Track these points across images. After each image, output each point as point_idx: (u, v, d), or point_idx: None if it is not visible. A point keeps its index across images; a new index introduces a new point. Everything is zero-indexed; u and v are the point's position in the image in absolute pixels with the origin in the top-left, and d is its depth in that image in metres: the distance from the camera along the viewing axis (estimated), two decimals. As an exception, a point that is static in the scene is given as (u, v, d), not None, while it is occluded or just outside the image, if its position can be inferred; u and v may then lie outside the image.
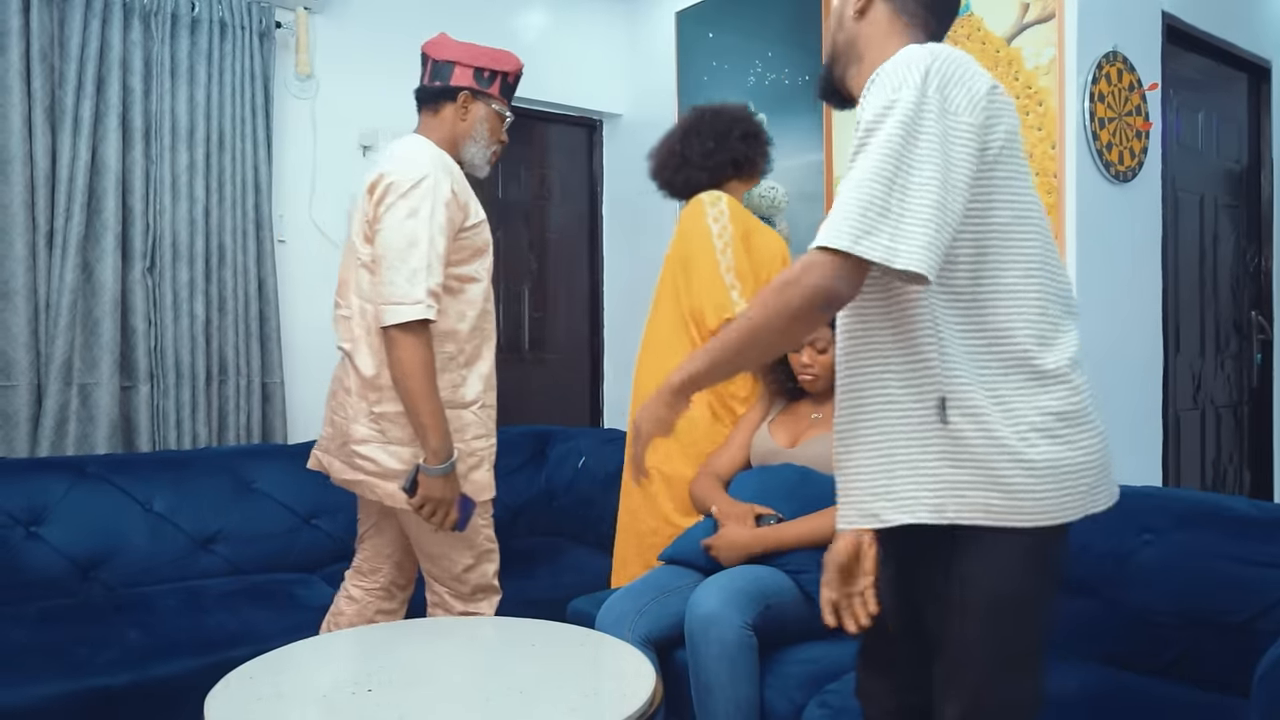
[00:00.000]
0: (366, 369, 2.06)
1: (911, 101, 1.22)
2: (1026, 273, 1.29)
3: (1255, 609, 1.75)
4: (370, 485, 2.08)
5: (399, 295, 1.93)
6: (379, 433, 2.05)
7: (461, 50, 2.22)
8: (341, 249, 3.51)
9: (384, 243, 1.98)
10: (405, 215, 1.96)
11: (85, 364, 2.92)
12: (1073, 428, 1.28)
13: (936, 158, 1.21)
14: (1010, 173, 1.29)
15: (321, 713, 1.58)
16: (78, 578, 2.51)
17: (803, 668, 1.99)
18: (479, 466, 2.14)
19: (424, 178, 1.99)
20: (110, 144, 2.93)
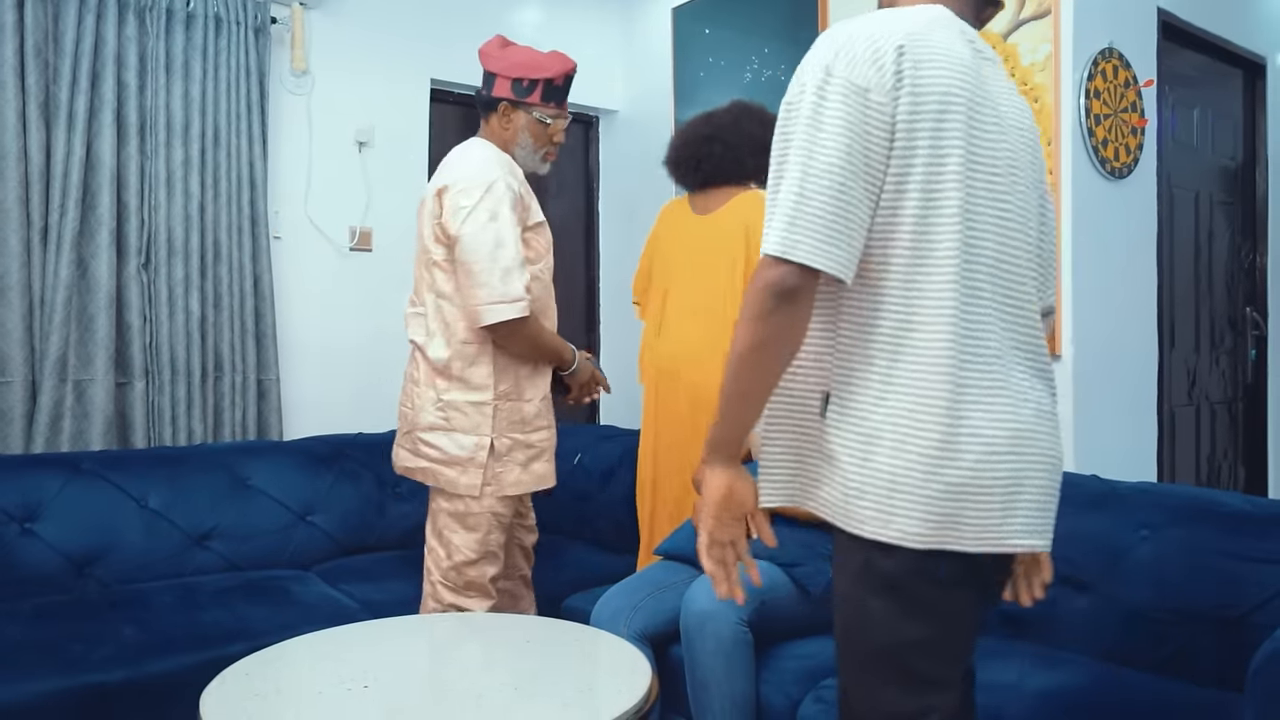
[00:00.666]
0: (438, 359, 2.19)
1: (813, 86, 1.19)
2: (930, 272, 1.17)
3: (1250, 604, 1.76)
4: (434, 472, 2.19)
5: (497, 295, 2.07)
6: (445, 420, 2.17)
7: (502, 61, 2.28)
8: (336, 244, 3.51)
9: (472, 247, 2.09)
10: (487, 219, 2.08)
11: (80, 360, 2.91)
12: (941, 450, 1.15)
13: (840, 141, 1.16)
14: (931, 153, 1.17)
15: (317, 709, 1.58)
16: (73, 574, 2.50)
17: (798, 663, 1.99)
18: (539, 457, 2.26)
19: (494, 181, 2.11)
20: (105, 139, 2.92)
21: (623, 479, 3.04)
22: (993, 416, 1.17)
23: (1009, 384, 1.19)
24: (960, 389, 1.16)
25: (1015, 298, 1.22)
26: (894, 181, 1.17)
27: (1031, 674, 1.81)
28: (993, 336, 1.18)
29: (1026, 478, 1.19)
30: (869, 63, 1.17)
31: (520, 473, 2.21)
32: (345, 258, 3.56)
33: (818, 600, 2.10)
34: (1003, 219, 1.20)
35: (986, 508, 1.17)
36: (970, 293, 1.17)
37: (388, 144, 3.65)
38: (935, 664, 1.22)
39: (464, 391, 2.16)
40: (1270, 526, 1.81)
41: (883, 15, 1.23)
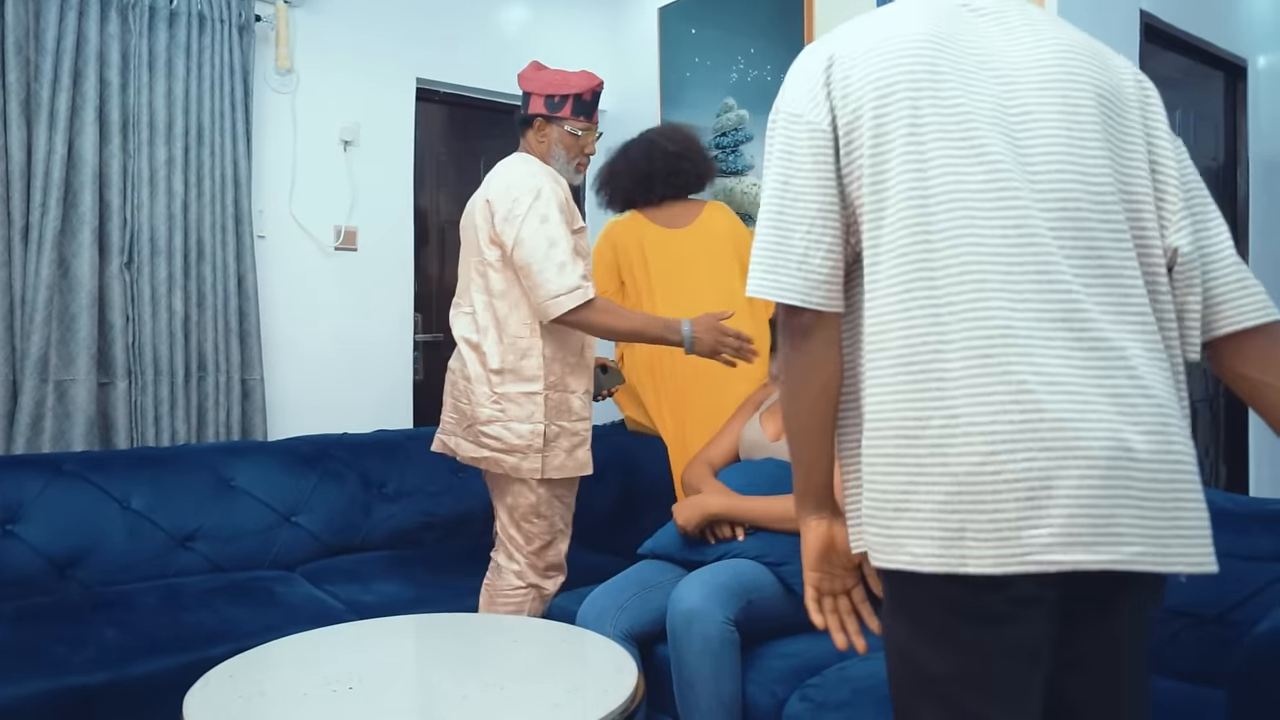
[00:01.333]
0: (493, 356, 2.35)
1: (770, 126, 1.21)
2: (875, 298, 1.11)
3: (1231, 601, 1.77)
4: (496, 460, 2.36)
5: (558, 288, 2.24)
6: (501, 412, 2.34)
7: (536, 81, 2.51)
8: (320, 243, 3.50)
9: (528, 250, 2.27)
10: (539, 222, 2.27)
11: (62, 360, 2.89)
12: (932, 455, 1.04)
13: (778, 172, 1.16)
14: (873, 153, 1.11)
15: (302, 712, 1.57)
16: (55, 576, 2.48)
17: (785, 662, 2.00)
18: (581, 445, 2.42)
19: (541, 187, 2.31)
20: (87, 138, 2.90)
21: (610, 479, 3.04)
22: (992, 410, 1.02)
23: (1011, 370, 1.02)
24: (937, 385, 1.04)
25: (1030, 269, 1.06)
26: (855, 194, 1.13)
27: (1015, 672, 1.81)
28: (985, 320, 1.04)
29: (1056, 476, 1.00)
30: (800, 86, 1.17)
31: (565, 458, 2.38)
32: (330, 257, 3.55)
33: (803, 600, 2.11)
34: (965, 190, 1.08)
35: (995, 517, 1.00)
36: (929, 283, 1.07)
37: (373, 143, 3.64)
38: (977, 701, 1.06)
39: (517, 383, 2.34)
40: (1250, 524, 1.82)
41: (844, 25, 1.22)
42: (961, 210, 1.07)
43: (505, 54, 4.04)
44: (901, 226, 1.08)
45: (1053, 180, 1.10)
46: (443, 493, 3.15)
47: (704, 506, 2.21)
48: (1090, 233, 1.09)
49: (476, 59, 3.95)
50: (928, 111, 1.09)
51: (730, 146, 3.73)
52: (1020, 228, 1.07)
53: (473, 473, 3.23)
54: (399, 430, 3.31)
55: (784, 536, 2.14)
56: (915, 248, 1.07)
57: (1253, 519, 1.83)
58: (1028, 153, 1.11)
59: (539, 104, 2.47)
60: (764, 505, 2.18)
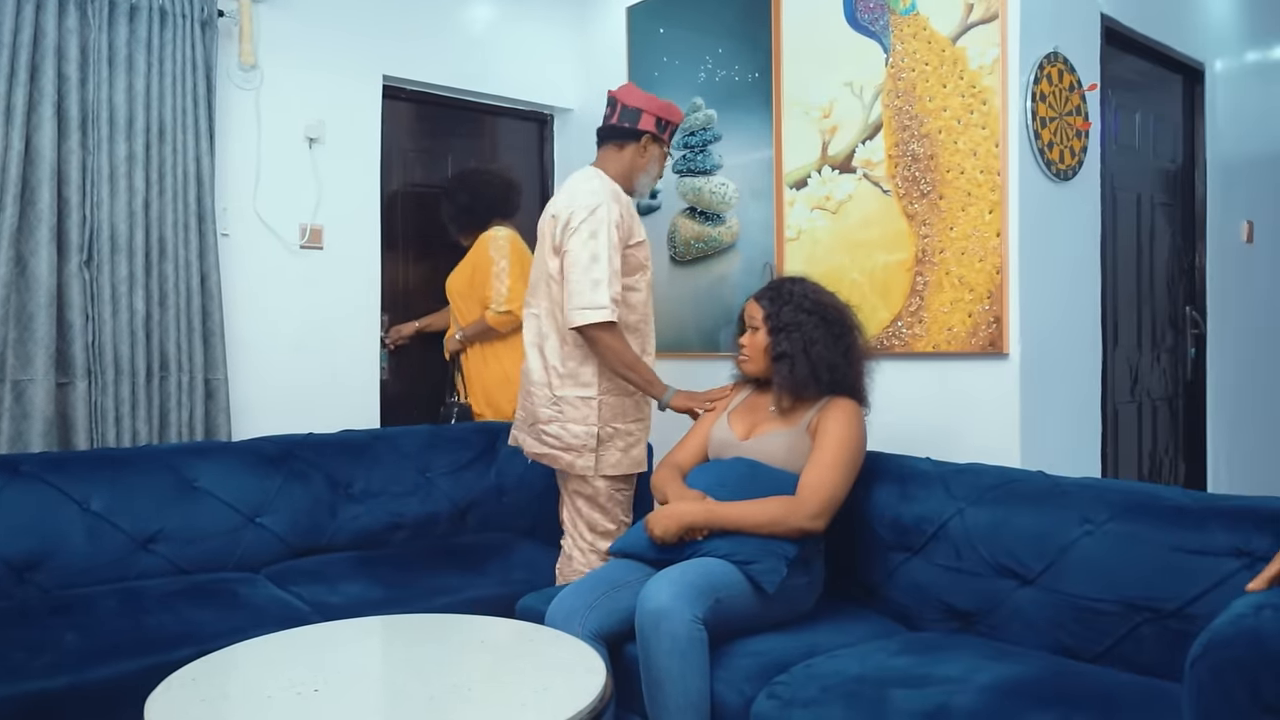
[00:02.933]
0: (553, 359, 2.59)
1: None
2: None
3: (1189, 595, 1.80)
4: (554, 456, 2.60)
5: (586, 301, 2.45)
6: (559, 413, 2.57)
7: (646, 100, 2.72)
8: (286, 242, 3.46)
9: (571, 260, 2.49)
10: (588, 236, 2.48)
11: (19, 360, 2.83)
12: None
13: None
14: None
15: (267, 715, 1.56)
16: (12, 580, 2.43)
17: (752, 660, 2.00)
18: (637, 444, 2.65)
19: (599, 206, 2.51)
20: (45, 134, 2.85)
21: (577, 478, 3.04)
22: None
23: None
24: None
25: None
26: None
27: (978, 667, 1.84)
28: None
29: None
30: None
31: (620, 456, 2.60)
32: (295, 255, 3.51)
33: (773, 598, 2.12)
34: None
35: None
36: None
37: (339, 141, 3.61)
38: None
39: (574, 388, 2.56)
40: (1208, 519, 1.86)
41: None
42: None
43: (473, 52, 4.02)
44: None
45: None
46: (409, 494, 3.13)
47: (681, 517, 2.20)
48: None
49: (444, 56, 3.93)
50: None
51: (699, 146, 3.74)
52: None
53: (440, 473, 3.22)
54: (365, 430, 3.29)
55: (752, 539, 2.15)
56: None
57: (1210, 514, 1.87)
58: None
59: (650, 122, 2.69)
60: (739, 511, 2.18)
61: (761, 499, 2.19)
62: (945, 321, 2.96)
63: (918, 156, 3.02)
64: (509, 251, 3.62)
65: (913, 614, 2.25)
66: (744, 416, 2.45)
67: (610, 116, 2.71)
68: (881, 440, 2.55)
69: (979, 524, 2.17)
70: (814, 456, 2.24)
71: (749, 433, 2.40)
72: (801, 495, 2.18)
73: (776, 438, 2.33)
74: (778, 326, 2.36)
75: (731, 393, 2.57)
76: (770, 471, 2.27)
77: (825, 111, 3.29)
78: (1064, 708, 1.64)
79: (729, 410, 2.50)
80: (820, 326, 2.33)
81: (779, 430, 2.34)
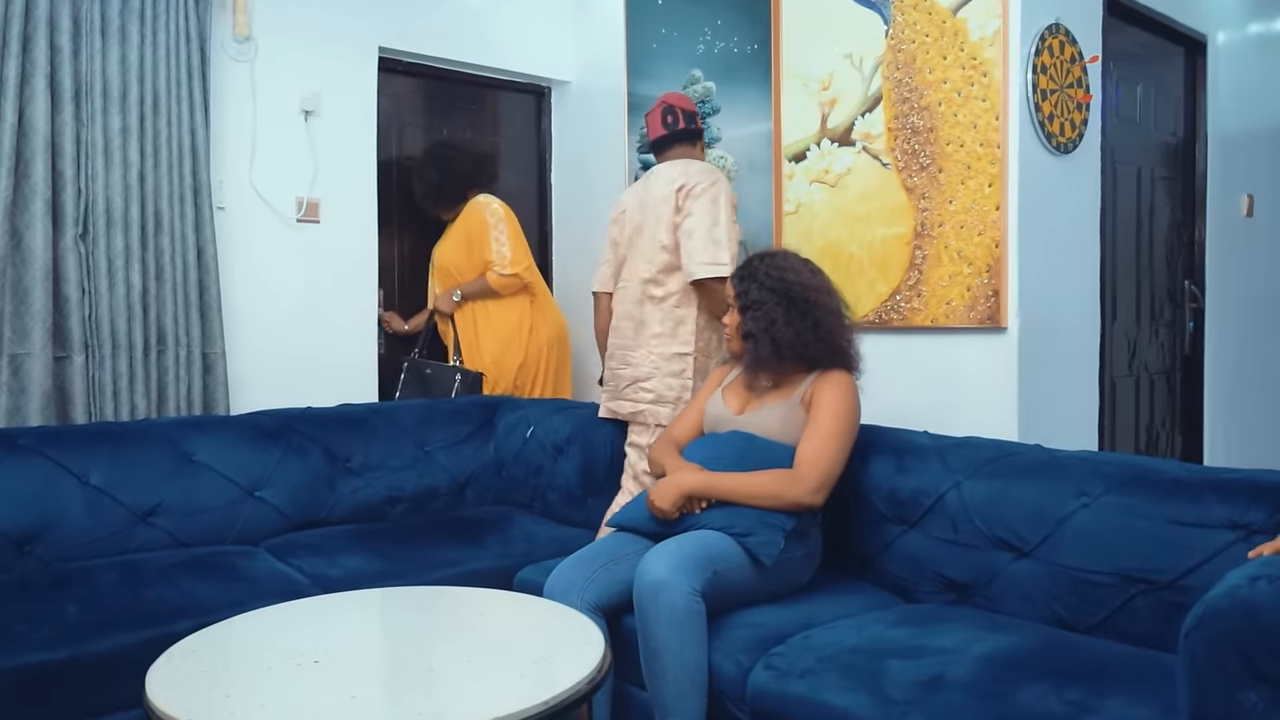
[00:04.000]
0: (653, 322, 2.89)
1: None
2: None
3: (1184, 567, 1.81)
4: (652, 411, 2.85)
5: (709, 257, 2.76)
6: (656, 369, 2.87)
7: (692, 104, 3.14)
8: (282, 215, 3.45)
9: (696, 221, 2.80)
10: (709, 202, 2.81)
11: (16, 334, 2.83)
12: None
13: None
14: None
15: (267, 686, 1.57)
16: (12, 553, 2.44)
17: (750, 631, 2.02)
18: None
19: (719, 179, 2.89)
20: (38, 106, 2.83)
21: (574, 452, 3.04)
22: None
23: None
24: None
25: None
26: None
27: (974, 638, 1.85)
28: None
29: None
30: None
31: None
32: (292, 229, 3.50)
33: (770, 570, 2.13)
34: None
35: None
36: None
37: (335, 113, 3.58)
38: None
39: (674, 344, 2.86)
40: (1204, 492, 1.86)
41: None
42: None
43: (470, 24, 3.98)
44: None
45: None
46: (408, 467, 3.13)
47: (680, 486, 2.20)
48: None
49: (441, 28, 3.89)
50: None
51: (697, 119, 3.71)
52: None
53: (438, 447, 3.22)
54: (364, 404, 3.29)
55: (750, 509, 2.16)
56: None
57: (1206, 487, 1.87)
58: None
59: (700, 123, 3.09)
60: (738, 482, 2.19)
61: (760, 471, 2.19)
62: (944, 295, 2.96)
63: (917, 129, 3.01)
64: (504, 217, 3.70)
65: (909, 586, 2.26)
66: (738, 392, 2.45)
67: (677, 122, 3.03)
68: (879, 414, 2.56)
69: (976, 497, 2.17)
70: (809, 430, 2.24)
71: (743, 407, 2.40)
72: (799, 470, 2.19)
73: (771, 411, 2.33)
74: (745, 305, 2.36)
75: (726, 369, 2.57)
76: (766, 444, 2.28)
77: (825, 84, 3.27)
78: (1059, 678, 1.65)
79: (723, 386, 2.50)
80: (781, 304, 2.32)
81: (773, 404, 2.34)
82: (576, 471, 3.01)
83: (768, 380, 2.38)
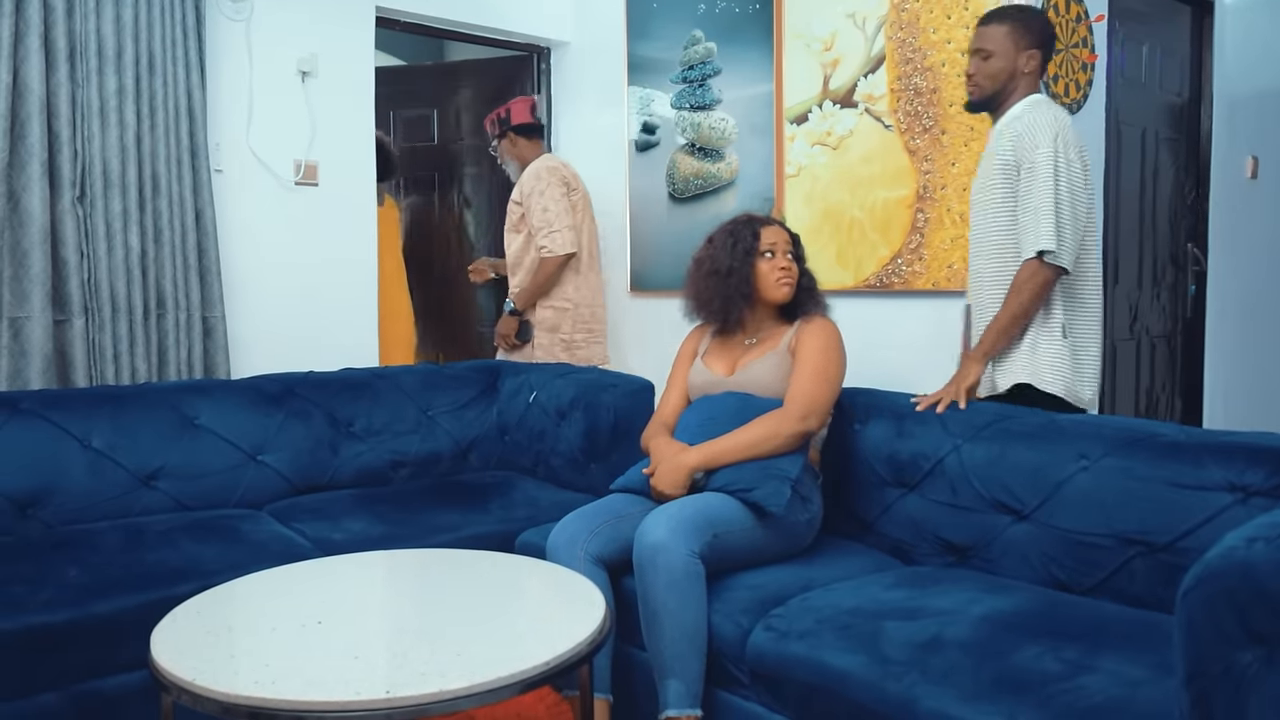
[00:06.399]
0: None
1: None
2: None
3: (1182, 529, 1.82)
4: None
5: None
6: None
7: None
8: (280, 178, 3.42)
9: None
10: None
11: (15, 297, 2.82)
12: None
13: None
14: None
15: (270, 646, 1.58)
16: (14, 516, 2.45)
17: (749, 593, 2.03)
18: None
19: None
20: (32, 65, 2.80)
21: (576, 417, 3.05)
22: None
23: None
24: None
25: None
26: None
27: (972, 599, 1.86)
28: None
29: None
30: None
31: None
32: (290, 192, 3.47)
33: (773, 531, 2.14)
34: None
35: None
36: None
37: (332, 74, 3.54)
38: None
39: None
40: (1202, 455, 1.86)
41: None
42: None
43: (467, -18, 3.93)
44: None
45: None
46: (411, 432, 3.14)
47: (685, 465, 2.21)
48: None
49: (438, -13, 3.84)
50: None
51: (697, 80, 3.68)
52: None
53: (441, 411, 3.22)
54: (366, 368, 3.29)
55: (751, 464, 2.17)
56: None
57: (1204, 450, 1.87)
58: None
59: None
60: (733, 441, 2.20)
61: (749, 423, 2.22)
62: (945, 259, 2.95)
63: (920, 90, 2.98)
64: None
65: (908, 549, 2.28)
66: (721, 356, 2.45)
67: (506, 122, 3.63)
68: (879, 377, 2.55)
69: (975, 460, 2.18)
70: (796, 371, 2.31)
71: (732, 368, 2.41)
72: (788, 406, 2.25)
73: (763, 364, 2.35)
74: (798, 256, 2.50)
75: (695, 339, 2.56)
76: (760, 401, 2.29)
77: (827, 44, 3.23)
78: (1056, 638, 1.66)
79: (701, 355, 2.49)
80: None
81: (763, 357, 2.36)
82: (579, 436, 3.01)
83: (749, 337, 2.40)
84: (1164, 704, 1.41)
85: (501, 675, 1.43)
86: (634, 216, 3.98)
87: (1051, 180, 2.19)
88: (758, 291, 2.40)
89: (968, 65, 2.41)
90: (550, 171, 3.58)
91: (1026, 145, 2.24)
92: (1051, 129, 2.22)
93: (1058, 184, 2.19)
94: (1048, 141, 2.20)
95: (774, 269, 2.40)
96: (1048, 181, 2.19)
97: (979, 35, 2.38)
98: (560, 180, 3.58)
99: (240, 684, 1.40)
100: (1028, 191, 2.22)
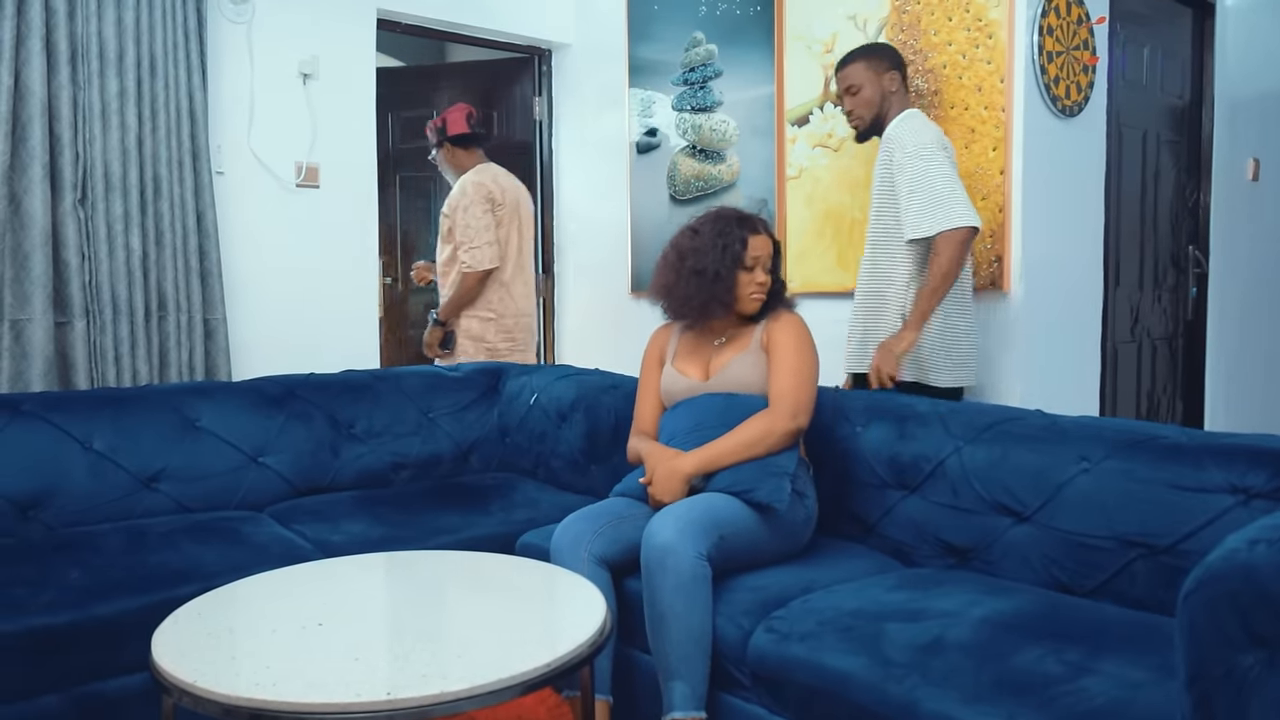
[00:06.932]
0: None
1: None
2: None
3: (1183, 532, 1.82)
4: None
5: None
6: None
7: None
8: (281, 180, 3.42)
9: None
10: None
11: (16, 299, 2.83)
12: None
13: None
14: None
15: (271, 648, 1.58)
16: (16, 518, 2.45)
17: (751, 594, 2.03)
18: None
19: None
20: (34, 68, 2.80)
21: (577, 419, 3.05)
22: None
23: None
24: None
25: None
26: None
27: (973, 601, 1.86)
28: None
29: None
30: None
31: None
32: (292, 194, 3.48)
33: (776, 529, 2.14)
34: None
35: None
36: None
37: (333, 76, 3.55)
38: None
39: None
40: (1204, 457, 1.86)
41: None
42: None
43: (468, -16, 3.94)
44: None
45: None
46: (412, 434, 3.14)
47: (681, 472, 2.21)
48: None
49: (439, -11, 3.85)
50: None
51: (698, 82, 3.68)
52: None
53: (442, 414, 3.22)
54: (367, 370, 3.29)
55: (749, 466, 2.17)
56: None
57: (1205, 452, 1.87)
58: None
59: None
60: (726, 445, 2.20)
61: (741, 424, 2.21)
62: (946, 260, 2.94)
63: (922, 92, 2.98)
64: None
65: (909, 550, 2.27)
66: (691, 360, 2.43)
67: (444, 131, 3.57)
68: (881, 379, 2.55)
69: (976, 462, 2.18)
70: (775, 368, 2.30)
71: (707, 371, 2.40)
72: (777, 405, 2.24)
73: (740, 363, 2.34)
74: (773, 268, 2.45)
75: (661, 341, 2.55)
76: (743, 399, 2.29)
77: (828, 46, 3.23)
78: (1057, 640, 1.66)
79: (671, 361, 2.48)
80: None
81: (739, 356, 2.35)
82: (580, 438, 3.01)
83: (718, 337, 2.40)
84: (1165, 706, 1.41)
85: (503, 677, 1.43)
86: (635, 218, 3.98)
87: (924, 166, 2.55)
88: (736, 301, 2.39)
89: (844, 106, 2.78)
90: (476, 188, 3.54)
91: (896, 150, 2.64)
92: (913, 134, 2.62)
93: (929, 166, 2.55)
94: (912, 144, 2.59)
95: (751, 282, 2.36)
96: (920, 168, 2.56)
97: (841, 78, 2.76)
98: (485, 197, 3.54)
99: (241, 686, 1.40)
100: (904, 183, 2.59)
